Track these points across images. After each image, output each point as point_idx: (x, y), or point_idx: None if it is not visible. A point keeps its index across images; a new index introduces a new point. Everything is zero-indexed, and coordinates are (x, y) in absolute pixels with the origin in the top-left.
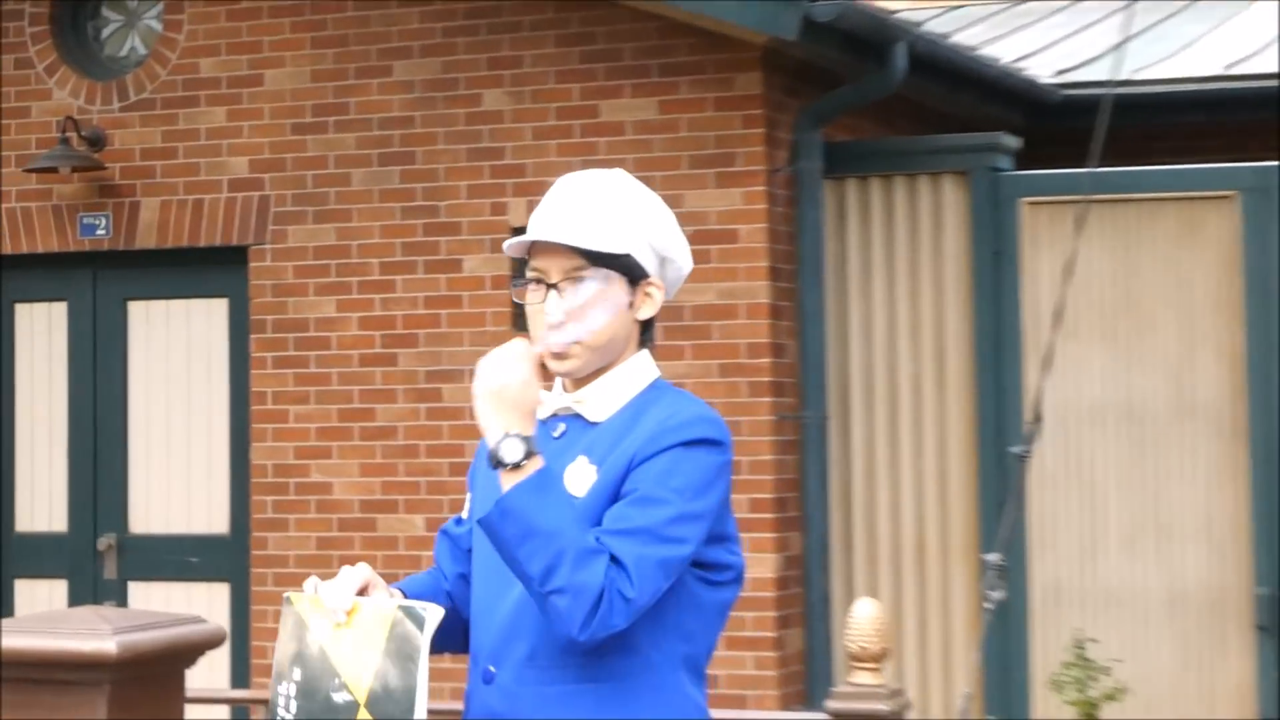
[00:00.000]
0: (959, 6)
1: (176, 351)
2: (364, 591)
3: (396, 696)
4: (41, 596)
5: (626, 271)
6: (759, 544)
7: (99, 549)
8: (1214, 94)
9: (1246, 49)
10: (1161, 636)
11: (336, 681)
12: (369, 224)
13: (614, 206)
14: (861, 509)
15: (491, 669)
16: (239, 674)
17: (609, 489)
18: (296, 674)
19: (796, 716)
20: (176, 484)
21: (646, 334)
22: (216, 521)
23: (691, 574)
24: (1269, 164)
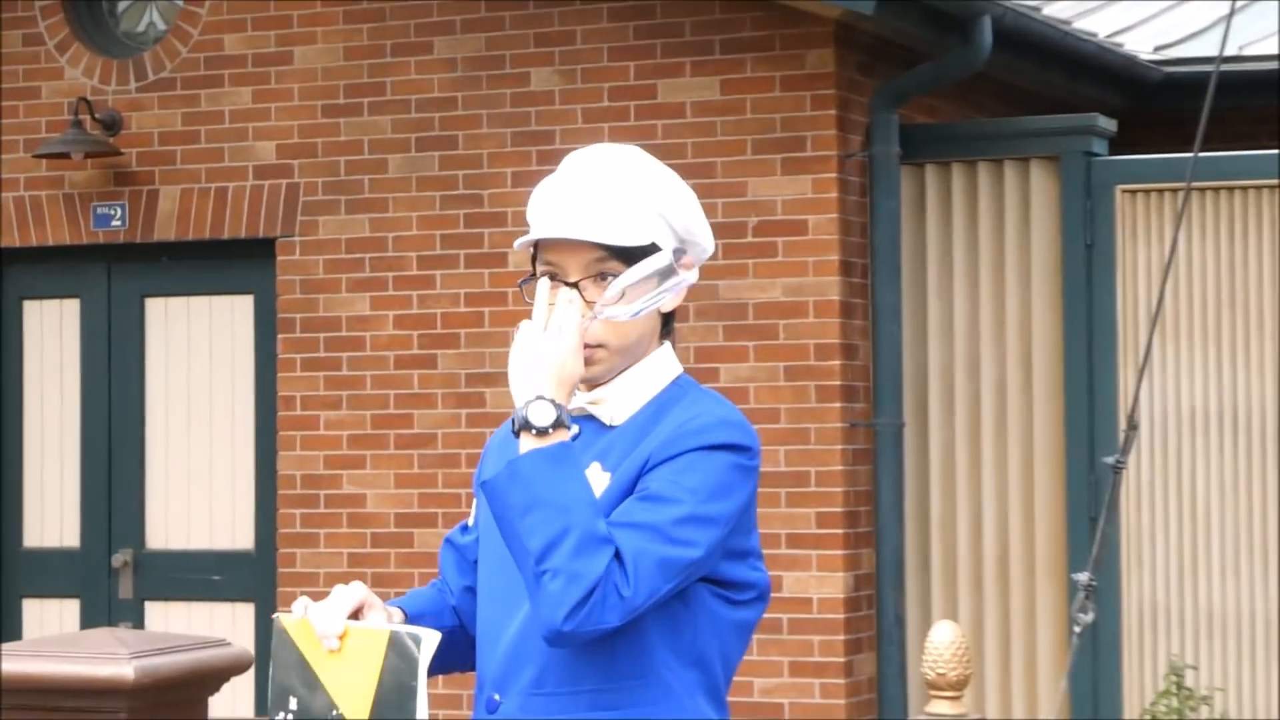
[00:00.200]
0: None
1: (198, 352)
2: (358, 613)
3: None
4: (52, 617)
5: None
6: (827, 562)
7: (114, 566)
8: None
9: None
10: (1266, 663)
11: (335, 714)
12: (406, 214)
13: (633, 191)
14: (939, 523)
15: (496, 697)
16: (265, 701)
17: (620, 494)
18: (293, 704)
19: None
20: (197, 496)
21: (668, 326)
22: (241, 536)
23: (711, 592)
24: None
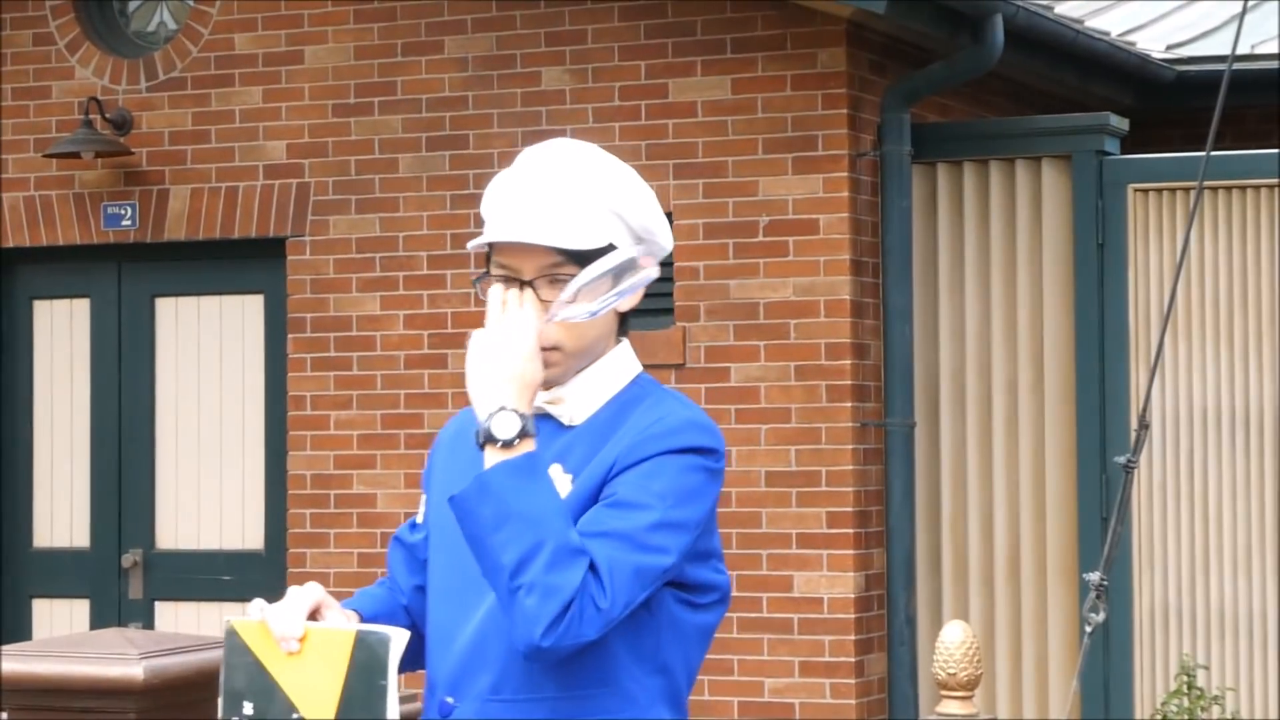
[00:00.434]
0: None
1: (208, 352)
2: (315, 614)
3: None
4: (62, 617)
5: None
6: (838, 561)
7: (124, 566)
8: None
9: None
10: (1278, 663)
11: (295, 716)
12: (416, 214)
13: (589, 191)
14: (950, 523)
15: (449, 700)
16: None
17: (585, 500)
18: (248, 708)
19: None
20: (207, 496)
21: (624, 325)
22: (251, 537)
23: (674, 597)
24: None
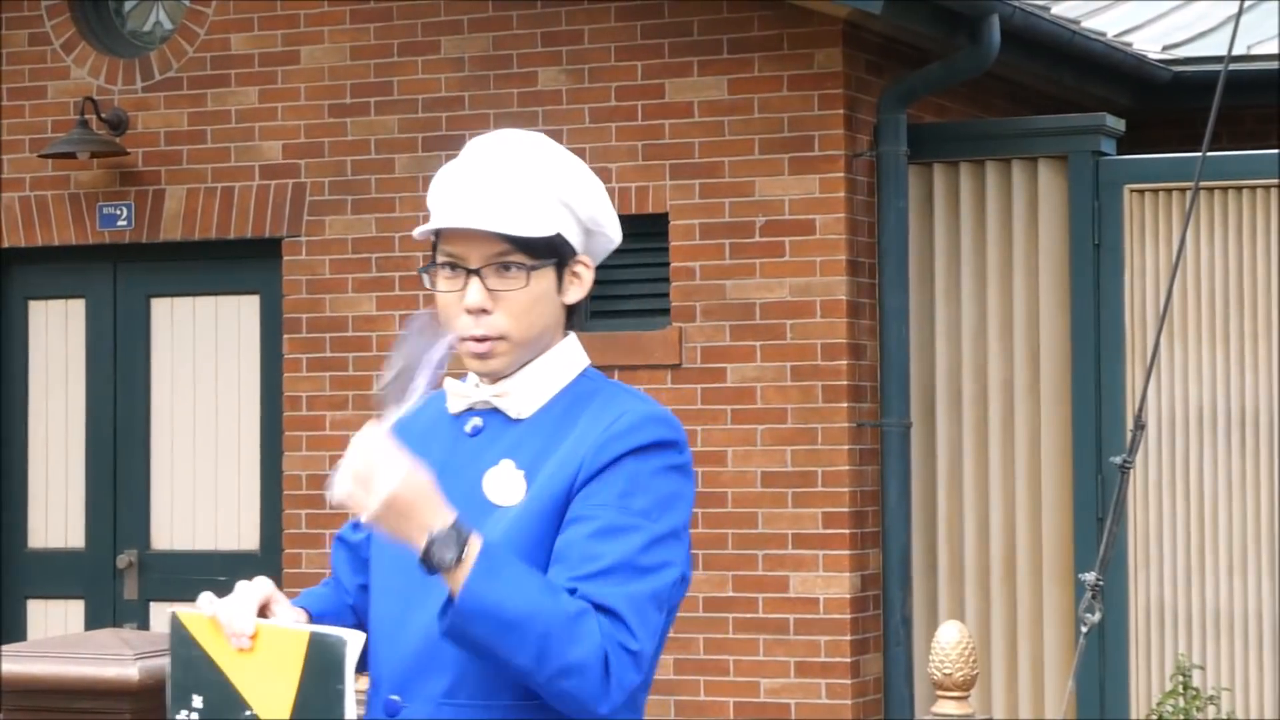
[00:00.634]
0: None
1: (203, 352)
2: (264, 608)
3: None
4: (56, 618)
5: (554, 253)
6: (834, 562)
7: (119, 567)
8: None
9: None
10: (1274, 663)
11: (249, 714)
12: (413, 214)
13: (537, 179)
14: (946, 523)
15: (395, 699)
16: None
17: (548, 504)
18: (197, 701)
19: None
20: (203, 496)
21: (573, 317)
22: (246, 537)
23: None
24: None
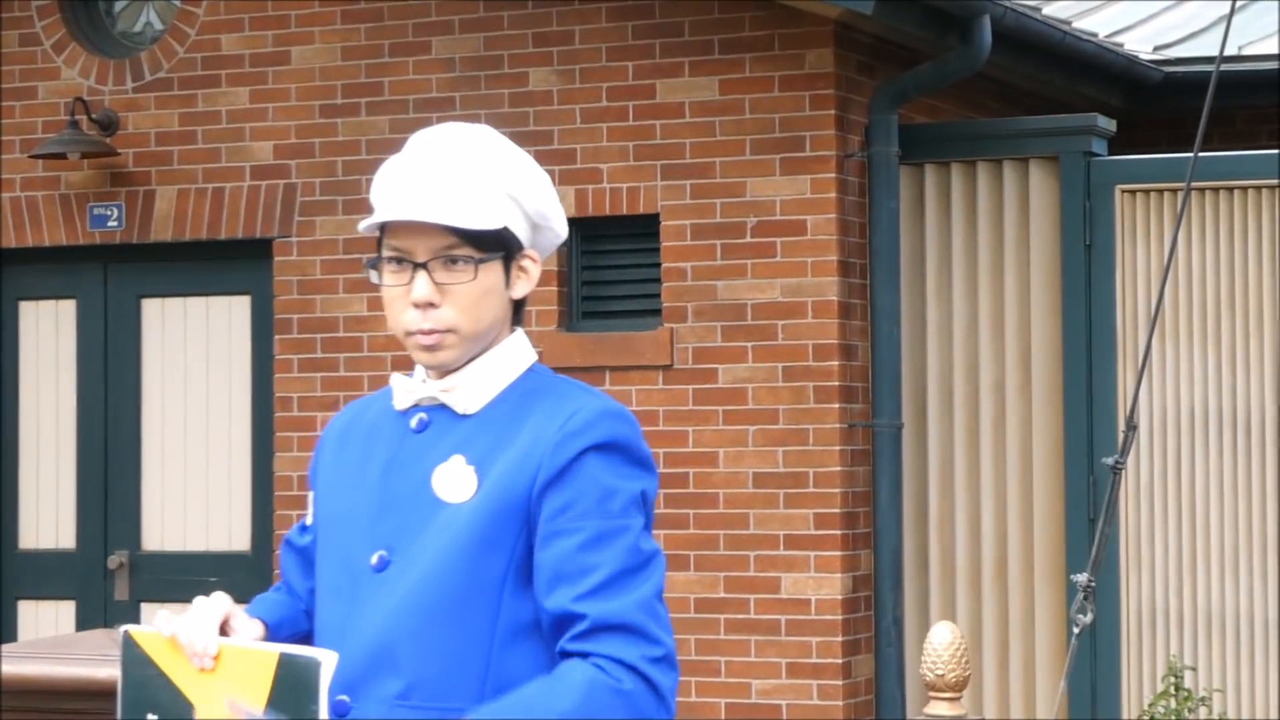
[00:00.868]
0: None
1: (194, 353)
2: (223, 625)
3: None
4: (47, 619)
5: (501, 246)
6: (826, 563)
7: (110, 568)
8: None
9: None
10: (1265, 664)
11: None
12: None
13: (483, 172)
14: (937, 524)
15: (344, 699)
16: None
17: (502, 502)
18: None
19: None
20: (194, 497)
21: (519, 312)
22: (237, 538)
23: None
24: None
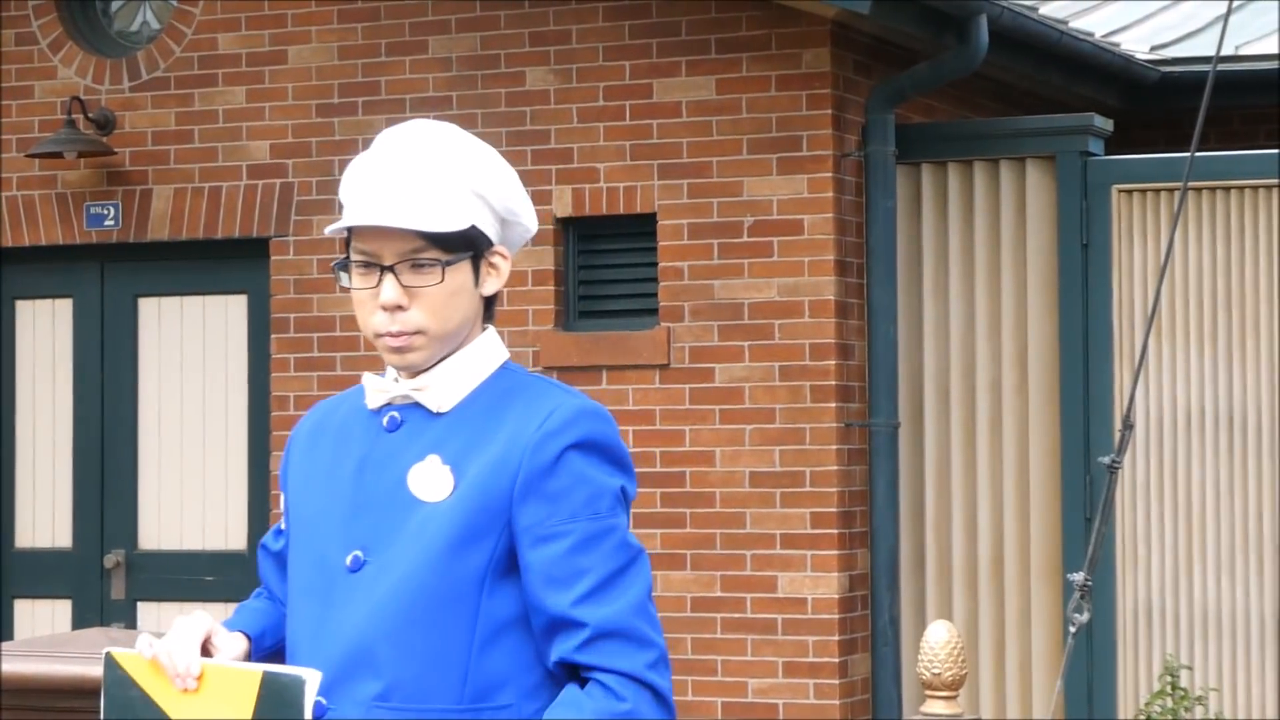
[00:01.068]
0: None
1: (191, 352)
2: (205, 643)
3: None
4: (44, 618)
5: (469, 246)
6: (822, 562)
7: (106, 567)
8: None
9: None
10: (1262, 663)
11: None
12: None
13: (450, 172)
14: (934, 524)
15: (321, 700)
16: None
17: (481, 501)
18: None
19: None
20: (190, 496)
21: (490, 309)
22: (234, 537)
23: None
24: None
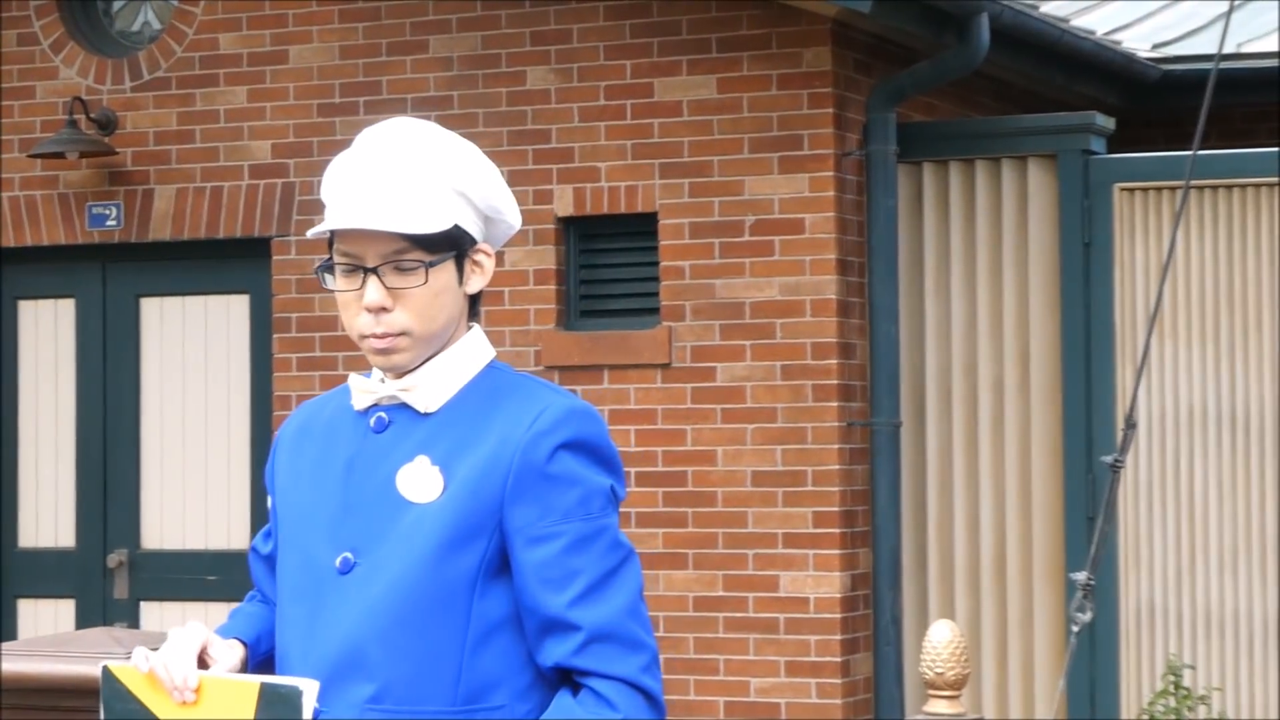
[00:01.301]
0: None
1: (193, 352)
2: (201, 654)
3: None
4: (47, 617)
5: (453, 245)
6: (824, 561)
7: (109, 566)
8: None
9: None
10: (1265, 662)
11: None
12: None
13: (431, 172)
14: (936, 523)
15: (316, 705)
16: None
17: (472, 502)
18: None
19: None
20: (193, 496)
21: (475, 307)
22: (236, 536)
23: None
24: None
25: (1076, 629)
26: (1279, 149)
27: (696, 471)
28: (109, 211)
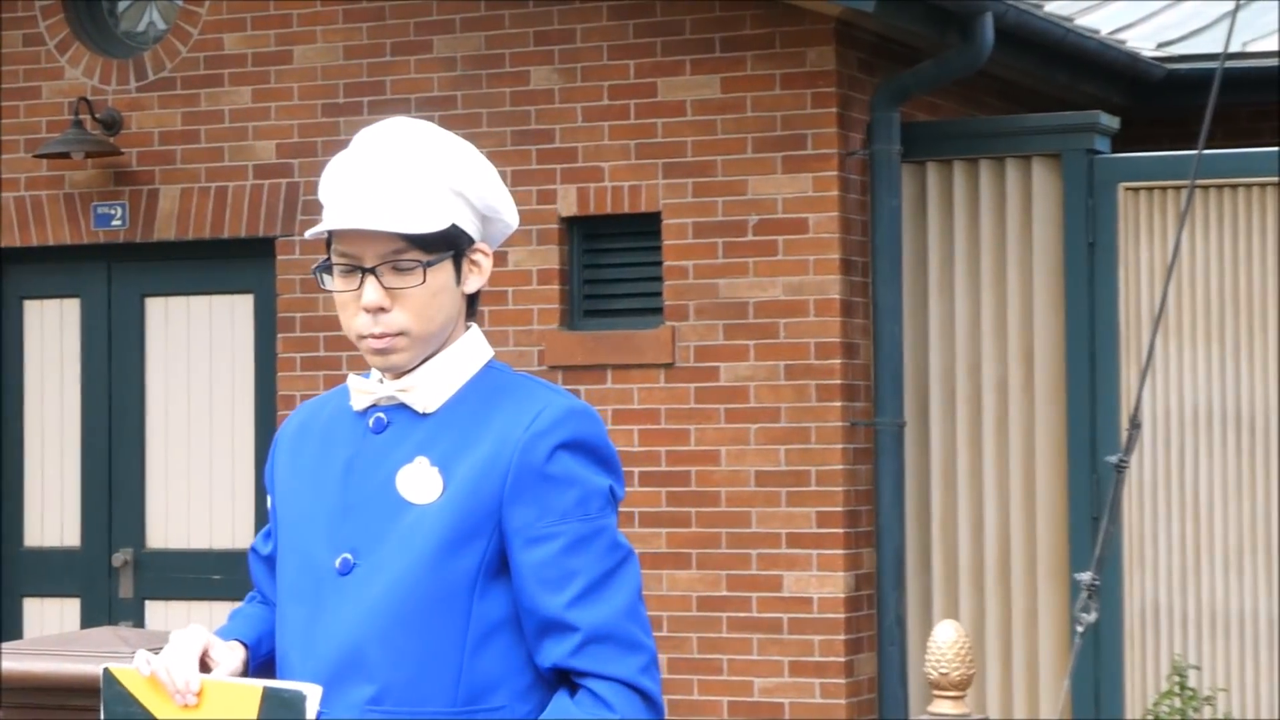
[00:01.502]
0: None
1: (198, 352)
2: (203, 656)
3: None
4: (52, 616)
5: (450, 245)
6: (828, 561)
7: (114, 565)
8: None
9: None
10: (1270, 663)
11: None
12: None
13: (429, 172)
14: (940, 523)
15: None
16: None
17: (471, 502)
18: None
19: None
20: (198, 495)
21: (473, 307)
22: (241, 536)
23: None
24: None
25: (1081, 629)
26: None
27: (700, 471)
28: (114, 211)
